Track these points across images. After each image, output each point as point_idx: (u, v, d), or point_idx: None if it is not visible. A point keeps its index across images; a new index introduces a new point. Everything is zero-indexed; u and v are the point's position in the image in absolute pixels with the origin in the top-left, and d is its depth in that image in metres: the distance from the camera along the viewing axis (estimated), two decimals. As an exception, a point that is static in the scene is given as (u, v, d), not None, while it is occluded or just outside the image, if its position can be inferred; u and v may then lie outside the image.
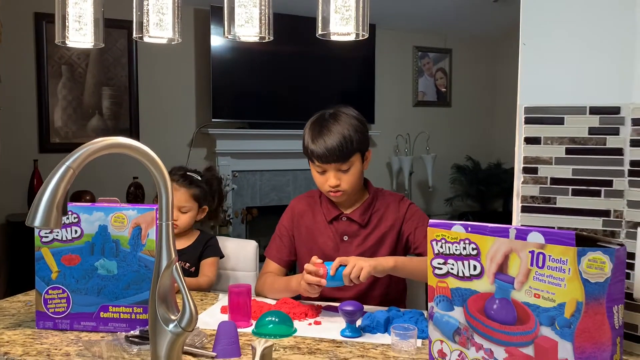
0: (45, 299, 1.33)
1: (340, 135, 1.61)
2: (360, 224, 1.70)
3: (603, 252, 0.86)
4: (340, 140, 1.61)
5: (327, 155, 1.61)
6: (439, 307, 1.04)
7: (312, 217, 1.76)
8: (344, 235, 1.71)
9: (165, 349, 1.12)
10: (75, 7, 1.30)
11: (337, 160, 1.62)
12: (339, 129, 1.63)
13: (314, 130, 1.66)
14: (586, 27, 1.01)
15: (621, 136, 1.00)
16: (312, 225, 1.75)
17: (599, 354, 0.87)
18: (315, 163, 1.66)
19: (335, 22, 1.14)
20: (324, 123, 1.65)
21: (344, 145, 1.61)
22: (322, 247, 1.72)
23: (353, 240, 1.70)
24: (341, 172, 1.64)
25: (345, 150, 1.61)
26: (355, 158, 1.65)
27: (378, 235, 1.70)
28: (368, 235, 1.70)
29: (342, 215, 1.72)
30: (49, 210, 0.96)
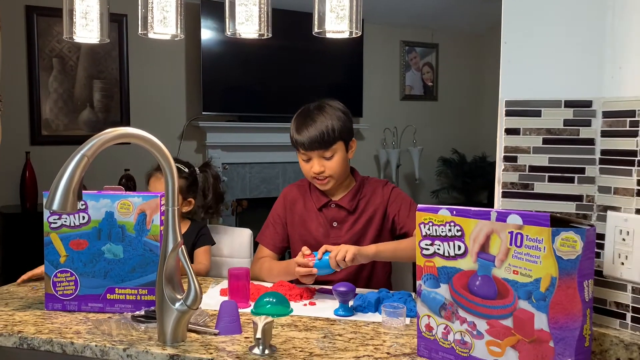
0: (54, 282, 1.40)
1: (322, 124, 1.71)
2: (349, 210, 1.79)
3: (575, 232, 0.95)
4: (322, 129, 1.71)
5: (310, 142, 1.71)
6: (427, 285, 1.13)
7: (303, 204, 1.85)
8: (334, 221, 1.80)
9: (171, 326, 1.20)
10: (82, 3, 1.37)
11: (319, 148, 1.71)
12: (322, 118, 1.73)
13: (299, 121, 1.76)
14: (562, 27, 1.10)
15: (593, 127, 1.09)
16: (303, 213, 1.84)
17: (570, 324, 0.96)
18: (300, 151, 1.76)
19: (331, 21, 1.22)
20: (309, 114, 1.76)
21: (325, 133, 1.71)
22: (313, 233, 1.81)
23: (342, 226, 1.79)
24: (324, 159, 1.73)
25: (327, 138, 1.71)
26: (338, 146, 1.74)
27: (365, 219, 1.79)
28: (356, 220, 1.79)
29: (331, 202, 1.81)
30: (66, 195, 1.03)
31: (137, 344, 1.19)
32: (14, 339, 1.25)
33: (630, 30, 1.03)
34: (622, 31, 1.04)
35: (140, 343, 1.20)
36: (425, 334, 1.15)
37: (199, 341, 1.21)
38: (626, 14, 1.04)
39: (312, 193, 1.85)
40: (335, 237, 1.78)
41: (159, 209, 1.38)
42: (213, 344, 1.20)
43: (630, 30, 1.03)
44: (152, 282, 1.38)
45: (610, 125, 1.07)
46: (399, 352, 1.17)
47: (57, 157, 4.41)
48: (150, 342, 1.21)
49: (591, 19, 1.07)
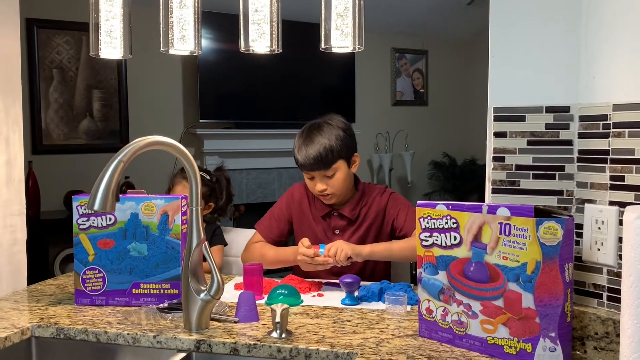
0: (83, 278, 1.52)
1: (321, 145, 1.76)
2: (350, 219, 1.88)
3: (556, 221, 1.08)
4: (320, 151, 1.76)
5: (309, 164, 1.77)
6: (426, 272, 1.27)
7: (308, 206, 1.93)
8: (335, 229, 1.89)
9: (196, 315, 1.32)
10: (106, 23, 1.50)
11: (319, 168, 1.78)
12: (319, 139, 1.78)
13: (299, 141, 1.82)
14: (542, 43, 1.24)
15: (571, 130, 1.23)
16: (308, 214, 1.93)
17: (554, 302, 1.10)
18: (302, 170, 1.83)
19: (336, 37, 1.35)
20: (309, 134, 1.81)
21: (323, 154, 1.76)
22: (318, 236, 1.90)
23: (344, 234, 1.89)
24: (327, 177, 1.80)
25: (325, 159, 1.76)
26: (339, 165, 1.80)
27: (366, 227, 1.89)
28: (357, 228, 1.89)
29: (334, 212, 1.90)
30: (106, 197, 1.16)
31: (166, 332, 1.32)
32: (51, 329, 1.37)
33: (601, 46, 1.18)
34: (594, 46, 1.19)
35: (169, 331, 1.32)
36: (425, 317, 1.28)
37: (221, 328, 1.34)
38: (597, 32, 1.18)
39: (316, 199, 1.92)
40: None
41: (180, 210, 1.50)
42: (234, 330, 1.33)
43: (601, 45, 1.17)
44: (174, 276, 1.51)
45: (585, 128, 1.21)
46: (402, 333, 1.30)
47: (58, 165, 4.52)
48: (177, 329, 1.33)
49: (568, 35, 1.22)
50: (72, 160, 4.33)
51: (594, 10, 1.19)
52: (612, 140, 1.15)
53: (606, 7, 1.16)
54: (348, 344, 1.23)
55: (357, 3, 1.37)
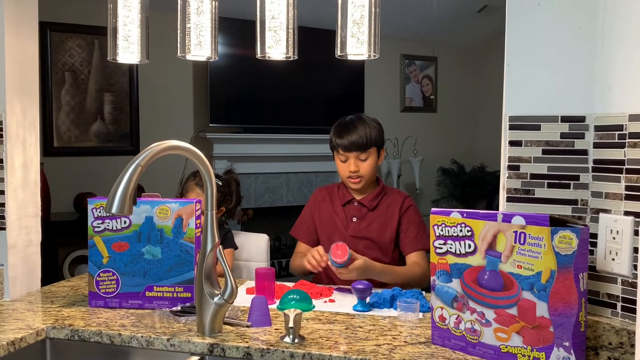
0: (97, 281, 1.54)
1: (362, 130, 1.98)
2: (369, 208, 2.02)
3: (571, 230, 1.09)
4: (362, 134, 1.97)
5: (350, 144, 1.96)
6: (440, 280, 1.27)
7: (330, 201, 2.08)
8: (354, 217, 2.02)
9: (209, 319, 1.33)
10: (124, 28, 1.51)
11: (357, 150, 1.96)
12: (362, 126, 1.99)
13: (341, 127, 2.02)
14: (558, 52, 1.24)
15: (586, 139, 1.23)
16: (329, 209, 2.06)
17: (568, 311, 1.10)
18: (340, 152, 2.00)
19: (352, 45, 1.36)
20: (350, 121, 2.02)
21: (364, 137, 1.97)
22: (336, 226, 2.02)
23: (361, 222, 2.02)
24: (360, 160, 1.97)
25: (365, 142, 1.96)
26: (372, 150, 2.00)
27: (382, 221, 2.00)
28: (374, 218, 2.01)
29: (354, 200, 2.04)
30: (123, 200, 1.17)
31: (179, 335, 1.33)
32: (65, 331, 1.38)
33: (616, 55, 1.18)
34: (610, 56, 1.19)
35: (182, 334, 1.33)
36: (438, 324, 1.28)
37: (234, 332, 1.35)
38: (613, 42, 1.19)
39: (339, 192, 2.08)
40: (355, 231, 2.00)
41: (194, 213, 1.51)
42: (247, 334, 1.34)
43: (617, 55, 1.18)
44: (187, 280, 1.52)
45: (601, 138, 1.21)
46: (415, 340, 1.31)
47: (68, 167, 4.55)
48: (191, 333, 1.34)
49: (584, 45, 1.22)
50: (82, 162, 4.36)
51: (610, 20, 1.19)
52: (628, 151, 1.16)
53: (622, 17, 1.17)
54: (361, 350, 1.23)
55: (372, 11, 1.38)
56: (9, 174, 1.59)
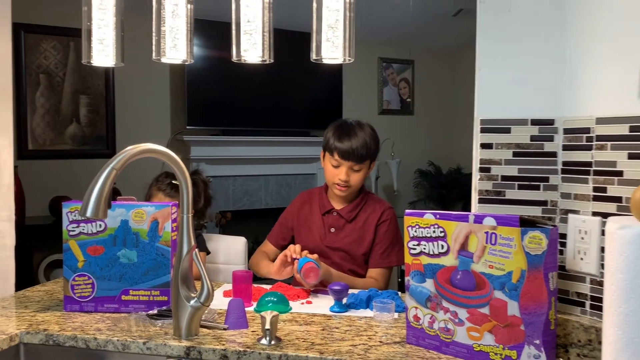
0: (72, 285, 1.53)
1: (363, 140, 1.92)
2: (347, 219, 1.98)
3: (540, 231, 1.11)
4: (362, 144, 1.91)
5: (348, 153, 1.90)
6: (414, 280, 1.29)
7: (309, 209, 2.05)
8: (332, 227, 1.99)
9: (186, 322, 1.33)
10: (99, 31, 1.51)
11: (353, 160, 1.91)
12: (362, 134, 1.93)
13: (341, 131, 1.94)
14: (528, 55, 1.27)
15: (555, 142, 1.26)
16: (308, 216, 2.04)
17: (538, 310, 1.12)
18: (334, 157, 1.93)
19: (327, 49, 1.38)
20: (350, 127, 1.95)
21: (363, 148, 1.91)
22: (313, 234, 2.00)
23: (338, 234, 1.99)
24: (353, 170, 1.93)
25: (363, 153, 1.91)
26: (366, 163, 1.95)
27: (358, 235, 1.97)
28: (351, 231, 1.98)
29: (333, 210, 2.01)
30: (98, 204, 1.17)
31: (156, 338, 1.32)
32: (40, 336, 1.37)
33: (584, 61, 1.21)
34: (578, 61, 1.22)
35: (158, 337, 1.33)
36: (413, 324, 1.30)
37: (210, 335, 1.35)
38: (580, 48, 1.22)
39: (319, 199, 2.04)
40: (330, 242, 1.98)
41: (170, 217, 1.51)
42: (224, 337, 1.34)
43: (585, 60, 1.21)
44: (163, 283, 1.52)
45: (569, 141, 1.24)
46: (390, 340, 1.32)
47: (43, 170, 4.50)
48: (167, 336, 1.34)
49: (553, 50, 1.25)
50: (58, 165, 4.32)
51: (577, 27, 1.22)
52: (595, 153, 1.19)
53: (589, 24, 1.20)
54: (337, 351, 1.25)
55: (347, 15, 1.39)
56: (-19, 177, 1.57)
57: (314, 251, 1.85)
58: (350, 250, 1.97)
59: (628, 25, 1.13)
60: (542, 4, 1.26)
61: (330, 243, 1.97)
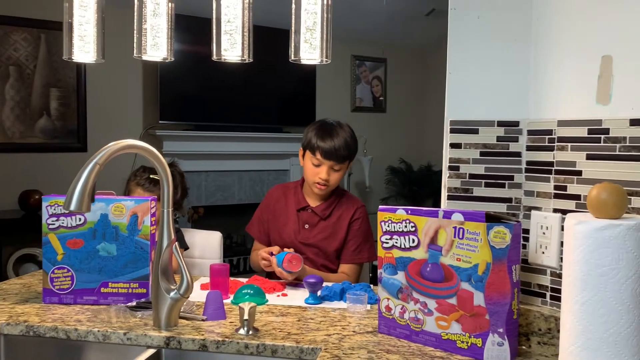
0: (51, 277, 1.55)
1: (345, 141, 1.98)
2: (321, 217, 2.04)
3: (505, 226, 1.19)
4: (343, 144, 1.97)
5: (331, 152, 1.95)
6: (386, 273, 1.35)
7: (285, 204, 2.09)
8: (305, 224, 2.04)
9: (165, 313, 1.38)
10: (79, 28, 1.53)
11: (335, 160, 1.97)
12: (343, 135, 1.99)
13: (323, 131, 1.99)
14: (496, 60, 1.34)
15: (520, 143, 1.34)
16: (283, 211, 2.08)
17: (502, 300, 1.20)
18: (315, 156, 1.98)
19: (305, 50, 1.43)
20: (332, 128, 2.00)
21: (345, 149, 1.97)
22: (287, 231, 2.04)
23: (312, 230, 2.04)
24: (333, 170, 1.98)
25: (344, 154, 1.98)
26: (346, 163, 2.03)
27: (331, 231, 2.04)
28: (325, 228, 2.04)
29: (308, 207, 2.06)
30: (82, 198, 1.20)
31: (136, 329, 1.36)
32: (20, 327, 1.39)
33: (547, 67, 1.29)
34: (541, 66, 1.30)
35: (139, 328, 1.37)
36: (385, 314, 1.37)
37: (189, 326, 1.39)
38: (544, 54, 1.30)
39: (295, 195, 2.09)
40: (304, 238, 2.03)
41: (150, 211, 1.55)
42: (203, 327, 1.38)
43: (547, 66, 1.29)
44: (142, 276, 1.55)
45: (533, 141, 1.32)
46: (363, 330, 1.39)
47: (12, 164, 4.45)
48: (147, 327, 1.38)
49: (519, 56, 1.33)
50: (27, 158, 4.27)
51: (542, 35, 1.30)
52: (556, 153, 1.27)
53: (553, 33, 1.28)
54: (312, 340, 1.30)
55: (325, 17, 1.45)
56: (-41, 171, 1.58)
57: (288, 246, 1.91)
58: (322, 246, 2.03)
59: (588, 34, 1.21)
60: (509, 13, 1.33)
61: (303, 239, 2.03)
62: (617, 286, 1.00)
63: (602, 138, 1.19)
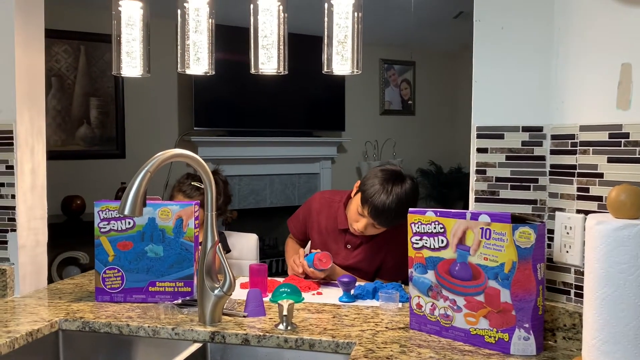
0: (103, 277, 1.67)
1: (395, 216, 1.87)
2: (362, 241, 2.06)
3: (529, 227, 1.25)
4: (392, 217, 1.88)
5: (376, 215, 1.88)
6: (417, 272, 1.43)
7: (327, 217, 2.12)
8: (348, 244, 2.08)
9: (210, 309, 1.47)
10: (127, 45, 1.64)
11: (379, 222, 1.91)
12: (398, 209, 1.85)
13: (383, 187, 1.87)
14: (520, 67, 1.41)
15: (544, 147, 1.40)
16: (327, 225, 2.12)
17: (527, 297, 1.26)
18: (363, 208, 1.90)
19: (337, 62, 1.51)
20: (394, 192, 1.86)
21: (391, 216, 1.88)
22: (329, 246, 2.09)
23: (353, 251, 2.08)
24: (374, 227, 1.95)
25: (390, 221, 1.91)
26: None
27: (371, 254, 2.05)
28: (364, 250, 2.06)
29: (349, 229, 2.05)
30: (135, 203, 1.30)
31: (183, 324, 1.46)
32: (77, 323, 1.51)
33: (569, 73, 1.35)
34: (564, 73, 1.36)
35: (185, 324, 1.47)
36: (416, 311, 1.44)
37: (232, 322, 1.49)
38: (566, 61, 1.36)
39: (339, 212, 2.08)
40: (344, 258, 2.07)
41: (194, 215, 1.65)
42: (245, 323, 1.48)
43: (570, 72, 1.35)
44: (187, 275, 1.66)
45: (556, 146, 1.38)
46: (395, 326, 1.46)
47: (55, 171, 4.63)
48: (193, 322, 1.48)
49: (542, 64, 1.39)
50: (69, 165, 4.45)
51: (564, 43, 1.36)
52: (579, 157, 1.32)
53: (574, 40, 1.34)
54: (347, 335, 1.39)
55: (355, 28, 1.53)
56: (19, 179, 1.71)
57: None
58: (361, 267, 2.06)
59: (608, 43, 1.27)
60: (532, 22, 1.39)
61: (342, 261, 2.05)
62: (636, 282, 1.06)
63: (623, 142, 1.24)
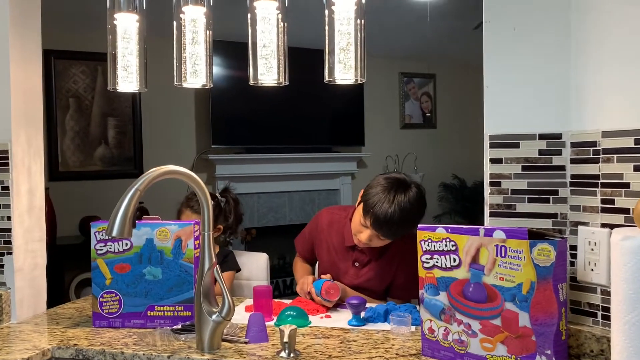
0: (100, 302, 1.59)
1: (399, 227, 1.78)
2: (371, 258, 1.97)
3: (549, 243, 1.14)
4: (397, 229, 1.79)
5: (379, 227, 1.78)
6: (428, 293, 1.32)
7: (335, 234, 2.02)
8: (356, 261, 1.98)
9: (208, 336, 1.39)
10: (123, 59, 1.59)
11: (382, 234, 1.81)
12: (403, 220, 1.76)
13: (385, 198, 1.78)
14: (535, 71, 1.31)
15: (563, 156, 1.29)
16: (335, 242, 2.02)
17: (549, 321, 1.14)
18: (365, 218, 1.81)
19: (339, 70, 1.43)
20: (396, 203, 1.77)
21: (396, 228, 1.78)
22: (337, 264, 2.00)
23: (361, 269, 1.98)
24: (378, 239, 1.85)
25: (394, 232, 1.81)
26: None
27: (381, 272, 1.96)
28: (373, 268, 1.96)
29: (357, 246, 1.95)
30: (123, 223, 1.23)
31: (180, 352, 1.38)
32: (70, 351, 1.43)
33: (589, 75, 1.24)
34: (583, 75, 1.25)
35: (182, 351, 1.38)
36: (428, 336, 1.33)
37: (232, 348, 1.40)
38: (585, 63, 1.25)
39: (346, 229, 1.99)
40: (353, 277, 1.97)
41: (193, 235, 1.57)
42: (245, 350, 1.39)
43: (589, 75, 1.24)
44: (187, 299, 1.57)
45: (577, 154, 1.27)
46: (406, 353, 1.35)
47: (73, 191, 4.62)
48: (190, 350, 1.39)
49: (558, 65, 1.28)
50: (87, 186, 4.44)
51: (582, 42, 1.25)
52: (602, 166, 1.21)
53: (593, 39, 1.23)
54: (353, 363, 1.28)
55: (358, 36, 1.45)
56: (15, 200, 1.66)
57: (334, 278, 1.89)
58: (369, 287, 1.96)
59: (628, 43, 1.16)
60: (546, 21, 1.29)
61: (351, 280, 1.95)
62: (670, 305, 0.94)
63: (650, 148, 1.13)
